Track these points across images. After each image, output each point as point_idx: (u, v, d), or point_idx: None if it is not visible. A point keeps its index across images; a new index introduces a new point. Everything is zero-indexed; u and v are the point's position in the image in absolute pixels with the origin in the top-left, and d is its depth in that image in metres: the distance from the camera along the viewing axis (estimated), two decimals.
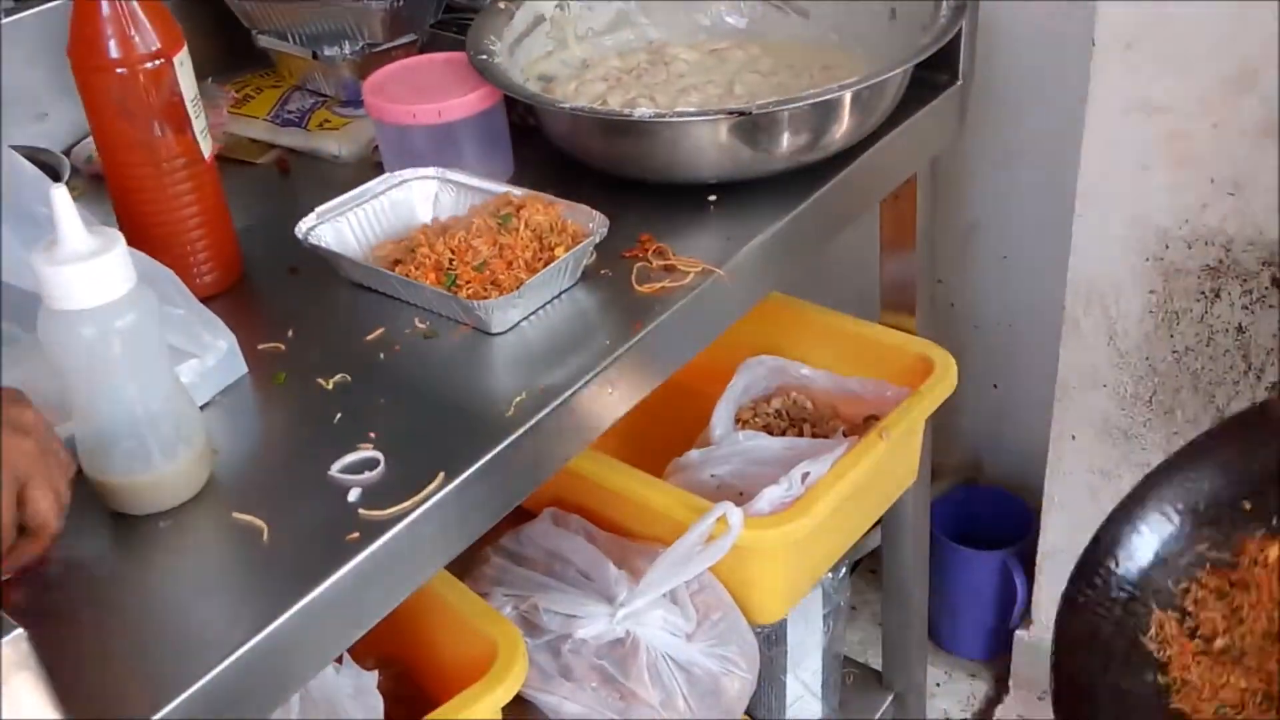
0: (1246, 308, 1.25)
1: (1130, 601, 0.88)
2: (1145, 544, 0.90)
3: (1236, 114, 1.16)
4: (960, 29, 1.04)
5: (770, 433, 1.25)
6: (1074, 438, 1.43)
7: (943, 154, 1.19)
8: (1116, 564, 0.89)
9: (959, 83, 1.12)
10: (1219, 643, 0.85)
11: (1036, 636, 1.60)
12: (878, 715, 1.51)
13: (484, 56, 1.01)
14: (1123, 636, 0.87)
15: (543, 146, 1.04)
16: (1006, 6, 1.39)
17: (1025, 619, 1.61)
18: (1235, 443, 0.92)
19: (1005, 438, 1.75)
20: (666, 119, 0.94)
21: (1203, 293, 1.27)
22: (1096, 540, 0.91)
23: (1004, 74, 1.45)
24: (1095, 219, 1.29)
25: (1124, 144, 1.23)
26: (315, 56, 1.15)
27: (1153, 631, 0.86)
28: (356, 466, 0.73)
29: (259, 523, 0.70)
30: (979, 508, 1.70)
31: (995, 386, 1.72)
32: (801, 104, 0.93)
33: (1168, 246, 1.26)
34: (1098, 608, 0.88)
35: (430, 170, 0.95)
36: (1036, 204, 1.53)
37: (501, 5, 1.10)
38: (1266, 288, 1.22)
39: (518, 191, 0.91)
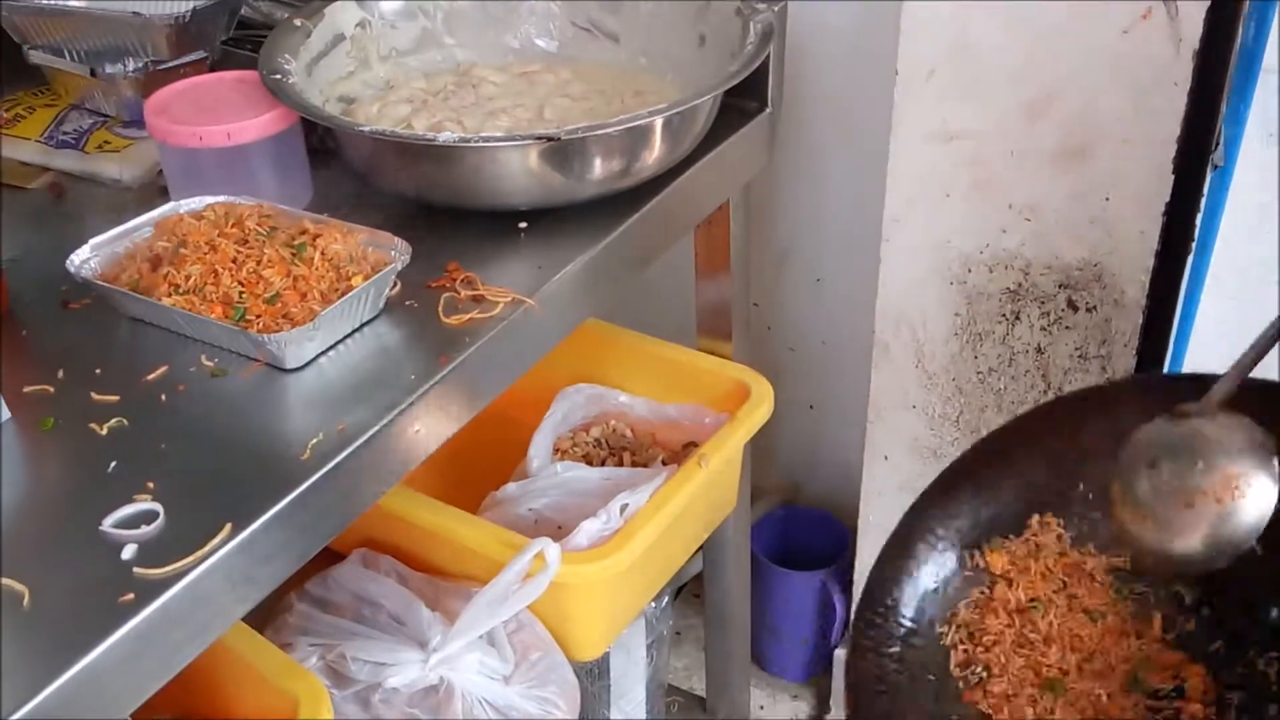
0: (1045, 329, 1.29)
1: (910, 635, 0.86)
2: (919, 577, 0.88)
3: (1032, 141, 1.20)
4: (768, 56, 1.04)
5: (589, 462, 1.22)
6: (887, 458, 1.45)
7: (755, 180, 1.19)
8: (893, 602, 0.87)
9: (768, 110, 1.13)
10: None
11: None
12: None
13: (278, 76, 0.96)
14: (907, 672, 0.85)
15: (343, 172, 0.99)
16: (813, 35, 1.42)
17: (845, 638, 1.63)
18: (989, 463, 0.91)
19: (822, 459, 1.78)
20: (473, 144, 0.90)
21: (1004, 315, 1.30)
22: (869, 587, 0.87)
23: (812, 101, 1.47)
24: (901, 244, 1.32)
25: (927, 170, 1.26)
26: (94, 74, 1.07)
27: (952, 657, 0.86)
28: (132, 520, 0.67)
29: (19, 587, 0.63)
30: (798, 529, 1.72)
31: (811, 408, 1.74)
32: (612, 130, 0.91)
33: (970, 270, 1.29)
34: (882, 647, 0.85)
35: (219, 197, 0.90)
36: (846, 228, 1.56)
37: (298, 23, 1.04)
38: (1063, 310, 1.27)
39: (314, 219, 0.86)
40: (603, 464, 1.23)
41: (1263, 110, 1.23)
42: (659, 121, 0.94)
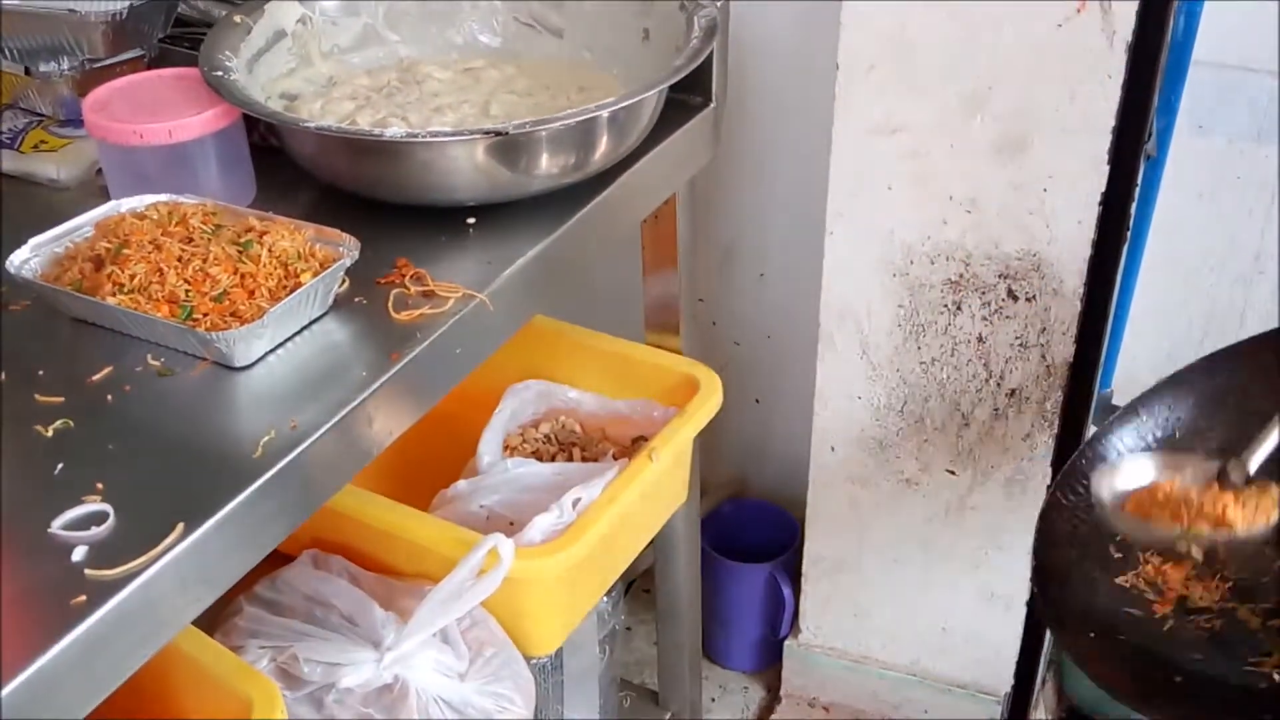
0: (985, 319, 1.31)
1: (1092, 510, 0.96)
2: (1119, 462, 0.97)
3: (970, 133, 1.22)
4: (712, 51, 1.05)
5: (539, 458, 1.22)
6: (833, 449, 1.47)
7: (700, 175, 1.20)
8: (1096, 476, 0.96)
9: (712, 104, 1.13)
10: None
11: (804, 644, 1.64)
12: None
13: (219, 73, 0.95)
14: (1097, 537, 0.96)
15: (288, 169, 0.98)
16: (755, 30, 1.43)
17: (794, 628, 1.65)
18: (1224, 375, 1.00)
19: (769, 451, 1.79)
20: (420, 139, 0.90)
21: (945, 305, 1.32)
22: (1082, 453, 1.01)
23: (755, 96, 1.49)
24: (845, 236, 1.33)
25: (868, 164, 1.28)
26: (28, 72, 1.05)
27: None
28: (82, 521, 0.66)
29: None
30: (746, 521, 1.73)
31: (757, 401, 1.75)
32: (559, 124, 0.91)
33: (912, 262, 1.31)
34: (1077, 511, 0.97)
35: (161, 196, 0.88)
36: (790, 222, 1.57)
37: (238, 19, 1.03)
38: (1003, 299, 1.29)
39: (260, 216, 0.86)
40: (552, 460, 1.23)
41: (1193, 101, 1.26)
42: (605, 116, 0.94)
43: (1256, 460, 0.89)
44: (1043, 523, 0.99)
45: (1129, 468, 0.95)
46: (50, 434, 0.73)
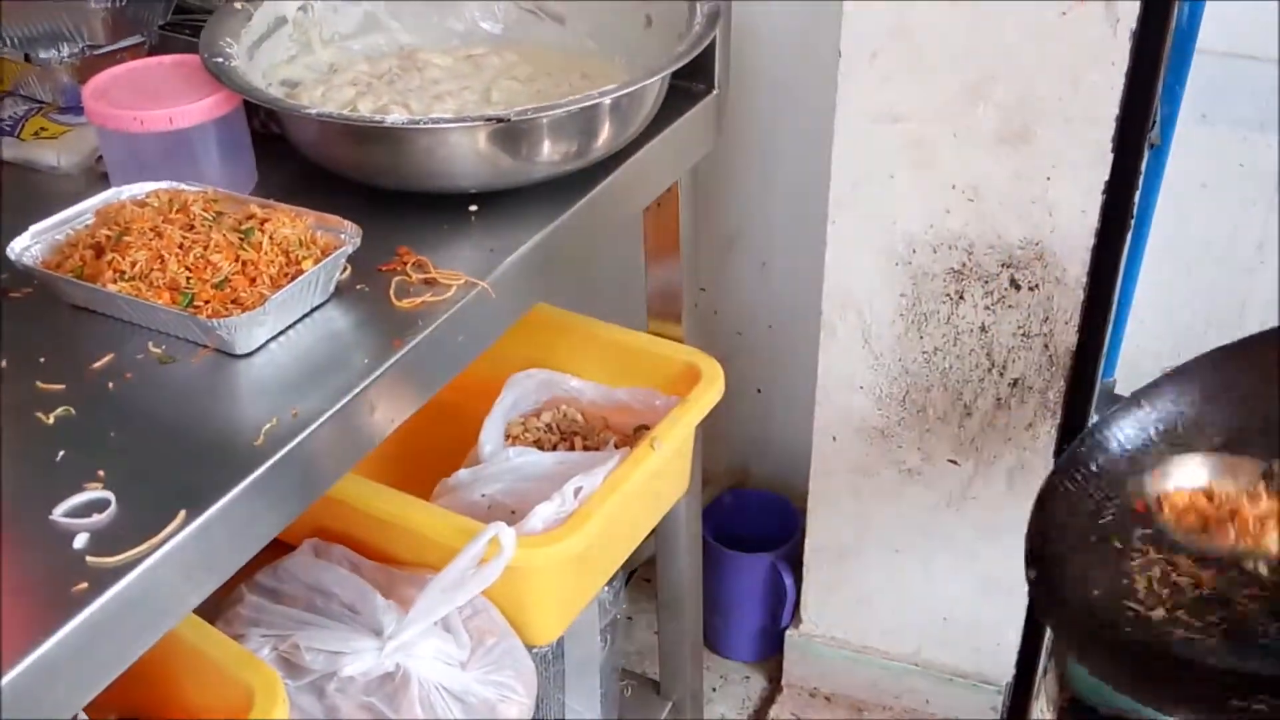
0: (988, 308, 1.31)
1: (1105, 500, 0.96)
2: (1121, 453, 0.98)
3: (973, 122, 1.22)
4: (714, 38, 1.04)
5: (541, 447, 1.22)
6: (835, 438, 1.47)
7: (702, 163, 1.20)
8: (1096, 466, 0.97)
9: (715, 91, 1.13)
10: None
11: (806, 634, 1.64)
12: None
13: (220, 59, 0.94)
14: (1096, 528, 0.95)
15: (289, 156, 0.98)
16: (757, 17, 1.42)
17: (795, 618, 1.65)
18: (1229, 370, 0.99)
19: (770, 441, 1.79)
20: (422, 126, 0.90)
21: (948, 295, 1.32)
22: (1082, 440, 0.99)
23: (758, 83, 1.48)
24: (847, 225, 1.33)
25: (871, 152, 1.27)
26: (28, 59, 1.05)
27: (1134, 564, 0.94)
28: (83, 509, 0.66)
29: None
30: (747, 511, 1.73)
31: (759, 391, 1.75)
32: (562, 111, 0.91)
33: (915, 251, 1.31)
34: (1075, 500, 0.96)
35: (162, 183, 0.88)
36: (793, 211, 1.57)
37: (238, 5, 1.03)
38: (1006, 289, 1.29)
39: (261, 203, 0.85)
40: (554, 449, 1.23)
41: (1197, 90, 1.26)
42: (608, 102, 0.94)
43: None
44: (1039, 510, 0.98)
45: (1171, 467, 0.94)
46: (51, 421, 0.73)
